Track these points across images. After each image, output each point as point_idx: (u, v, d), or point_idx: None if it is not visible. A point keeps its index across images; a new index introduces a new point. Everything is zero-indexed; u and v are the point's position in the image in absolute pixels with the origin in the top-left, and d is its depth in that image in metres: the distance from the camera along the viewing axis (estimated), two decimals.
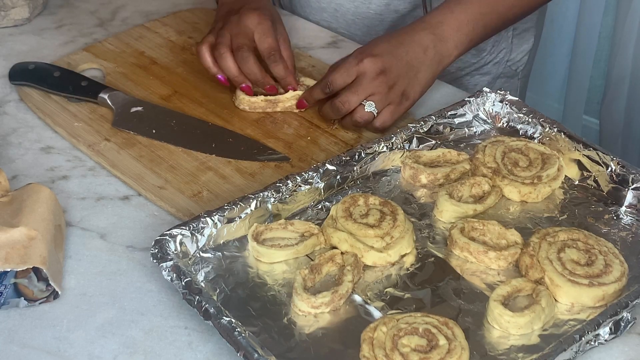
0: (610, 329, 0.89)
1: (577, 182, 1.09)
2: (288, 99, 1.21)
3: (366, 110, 1.14)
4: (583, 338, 0.87)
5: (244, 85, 1.21)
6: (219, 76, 1.22)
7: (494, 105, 1.17)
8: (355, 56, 1.15)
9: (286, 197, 1.02)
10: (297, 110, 1.22)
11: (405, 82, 1.15)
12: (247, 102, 1.21)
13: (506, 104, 1.16)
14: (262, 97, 1.21)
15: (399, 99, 1.15)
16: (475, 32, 1.20)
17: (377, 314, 0.91)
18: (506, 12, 1.22)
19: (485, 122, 1.17)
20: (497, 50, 1.45)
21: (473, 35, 1.20)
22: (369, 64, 1.13)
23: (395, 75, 1.14)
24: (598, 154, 1.07)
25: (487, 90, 1.17)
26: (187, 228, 0.97)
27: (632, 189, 1.04)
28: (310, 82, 1.23)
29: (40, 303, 0.94)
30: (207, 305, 0.88)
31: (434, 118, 1.14)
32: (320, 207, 1.05)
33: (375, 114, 1.15)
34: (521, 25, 1.46)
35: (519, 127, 1.15)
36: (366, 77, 1.13)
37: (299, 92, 1.21)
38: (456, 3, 1.19)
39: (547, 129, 1.12)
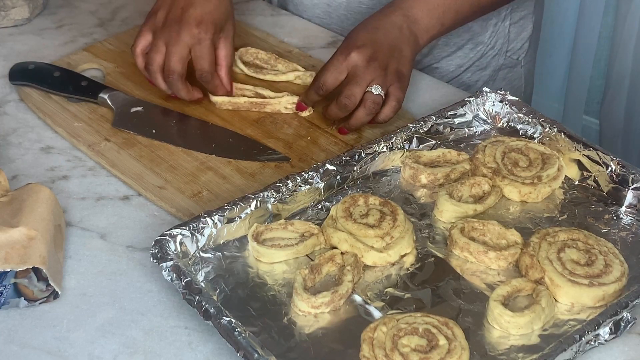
0: (610, 329, 0.89)
1: (577, 182, 1.09)
2: (277, 102, 1.21)
3: (374, 93, 1.14)
4: (583, 338, 0.87)
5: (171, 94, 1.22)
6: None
7: (494, 105, 1.17)
8: (340, 52, 1.16)
9: (286, 197, 1.02)
10: (299, 113, 1.21)
11: (395, 62, 1.17)
12: (228, 102, 1.21)
13: (506, 104, 1.16)
14: (245, 98, 1.21)
15: (396, 77, 1.16)
16: (446, 16, 1.21)
17: (377, 314, 0.91)
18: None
19: (485, 122, 1.17)
20: (493, 42, 1.46)
21: (444, 19, 1.21)
22: (357, 56, 1.14)
23: (384, 59, 1.15)
24: (598, 154, 1.07)
25: (487, 90, 1.17)
26: (187, 228, 0.97)
27: (632, 189, 1.04)
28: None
29: (40, 303, 0.94)
30: (207, 305, 0.88)
31: (434, 118, 1.14)
32: (320, 207, 1.05)
33: (383, 96, 1.15)
34: (517, 13, 1.46)
35: (519, 127, 1.15)
36: (359, 68, 1.14)
37: (290, 98, 1.21)
38: None
39: (547, 129, 1.12)
